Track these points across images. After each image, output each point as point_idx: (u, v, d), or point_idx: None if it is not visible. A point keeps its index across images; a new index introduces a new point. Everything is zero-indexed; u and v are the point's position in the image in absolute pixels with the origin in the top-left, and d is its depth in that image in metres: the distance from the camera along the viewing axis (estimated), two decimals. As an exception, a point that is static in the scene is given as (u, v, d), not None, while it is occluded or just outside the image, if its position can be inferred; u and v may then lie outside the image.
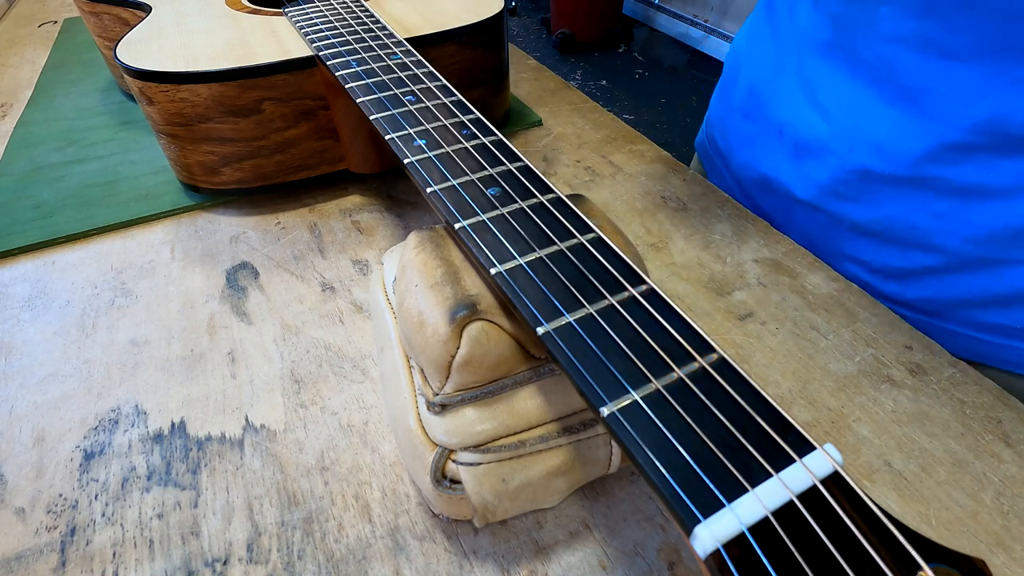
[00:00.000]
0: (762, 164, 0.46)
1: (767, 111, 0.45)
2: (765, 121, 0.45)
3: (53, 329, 0.36)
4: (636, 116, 2.37)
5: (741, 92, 0.49)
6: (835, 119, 0.39)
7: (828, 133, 0.39)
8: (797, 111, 0.42)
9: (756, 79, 0.47)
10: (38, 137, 0.54)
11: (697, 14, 2.81)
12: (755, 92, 0.47)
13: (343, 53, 0.38)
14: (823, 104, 0.39)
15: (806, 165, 0.42)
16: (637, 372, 0.17)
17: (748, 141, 0.48)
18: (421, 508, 0.27)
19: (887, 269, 0.39)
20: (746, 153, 0.48)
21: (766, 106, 0.45)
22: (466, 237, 0.23)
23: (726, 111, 0.52)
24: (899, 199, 0.37)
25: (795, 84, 0.42)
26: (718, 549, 0.14)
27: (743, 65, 0.50)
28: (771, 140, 0.45)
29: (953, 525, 0.26)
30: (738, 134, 0.49)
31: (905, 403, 0.31)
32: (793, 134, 0.42)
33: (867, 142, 0.37)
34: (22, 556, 0.26)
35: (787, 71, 0.43)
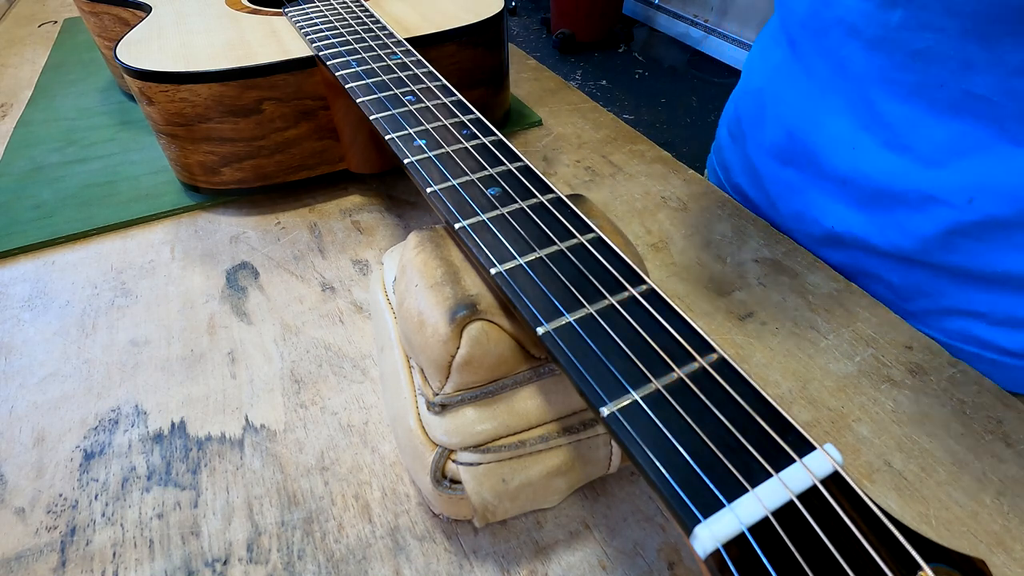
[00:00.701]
0: (825, 218, 0.40)
1: (819, 159, 0.40)
2: (816, 169, 0.40)
3: (53, 329, 0.36)
4: (636, 116, 2.37)
5: (775, 136, 0.44)
6: (938, 164, 0.34)
7: (929, 180, 0.34)
8: (869, 158, 0.37)
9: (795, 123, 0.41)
10: (38, 137, 0.54)
11: (697, 14, 2.81)
12: (796, 138, 0.41)
13: (343, 53, 0.38)
14: (915, 148, 0.35)
15: (896, 217, 0.37)
16: (637, 372, 0.17)
17: (795, 191, 0.43)
18: (421, 508, 0.27)
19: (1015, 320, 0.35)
20: (796, 203, 0.43)
21: (816, 153, 0.40)
22: (466, 237, 0.23)
23: (755, 154, 0.46)
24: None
25: (858, 128, 0.37)
26: (718, 549, 0.14)
27: (769, 106, 0.44)
28: (831, 190, 0.40)
29: (953, 525, 0.26)
30: (779, 183, 0.44)
31: (905, 403, 0.31)
32: (866, 183, 0.37)
33: (992, 188, 0.32)
34: (22, 556, 0.26)
35: (841, 115, 0.38)
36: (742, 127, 0.48)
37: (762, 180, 0.46)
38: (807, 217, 0.42)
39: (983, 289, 0.35)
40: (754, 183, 0.47)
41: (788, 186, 0.43)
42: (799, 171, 0.42)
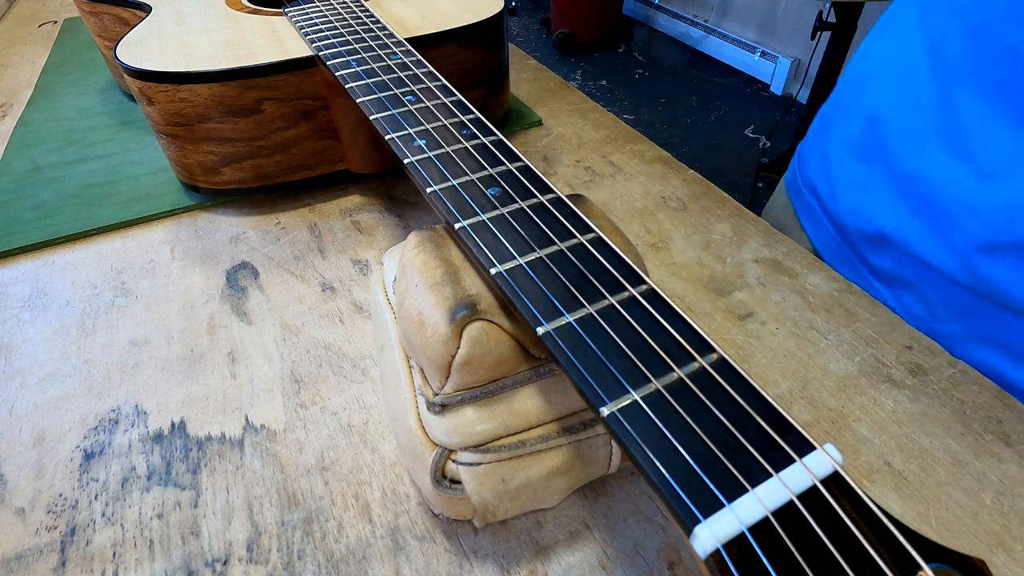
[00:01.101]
0: (878, 216, 0.38)
1: (888, 153, 0.38)
2: (885, 166, 0.38)
3: (53, 329, 0.36)
4: (636, 116, 2.37)
5: (857, 128, 0.41)
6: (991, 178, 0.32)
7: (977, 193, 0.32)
8: (931, 160, 0.34)
9: (879, 113, 0.39)
10: (38, 137, 0.54)
11: (697, 14, 2.81)
12: (878, 130, 0.39)
13: (343, 53, 0.38)
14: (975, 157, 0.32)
15: (941, 227, 0.35)
16: (637, 372, 0.17)
17: (859, 186, 0.41)
18: (421, 508, 0.27)
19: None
20: (854, 199, 0.41)
21: (890, 148, 0.38)
22: (466, 237, 0.23)
23: (833, 147, 0.44)
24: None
25: (931, 127, 0.35)
26: (718, 549, 0.14)
27: (862, 97, 0.41)
28: (891, 190, 0.38)
29: (953, 525, 0.26)
30: (846, 176, 0.42)
31: (905, 403, 0.31)
32: (923, 187, 0.35)
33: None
34: (22, 556, 0.26)
35: (922, 110, 0.35)
36: (832, 114, 0.46)
37: (831, 170, 0.44)
38: (862, 213, 0.40)
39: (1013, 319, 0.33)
40: (823, 173, 0.45)
41: (854, 179, 0.41)
42: (868, 165, 0.40)
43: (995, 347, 0.34)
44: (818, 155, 0.46)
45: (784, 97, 2.46)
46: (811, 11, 2.28)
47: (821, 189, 0.45)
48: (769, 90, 2.52)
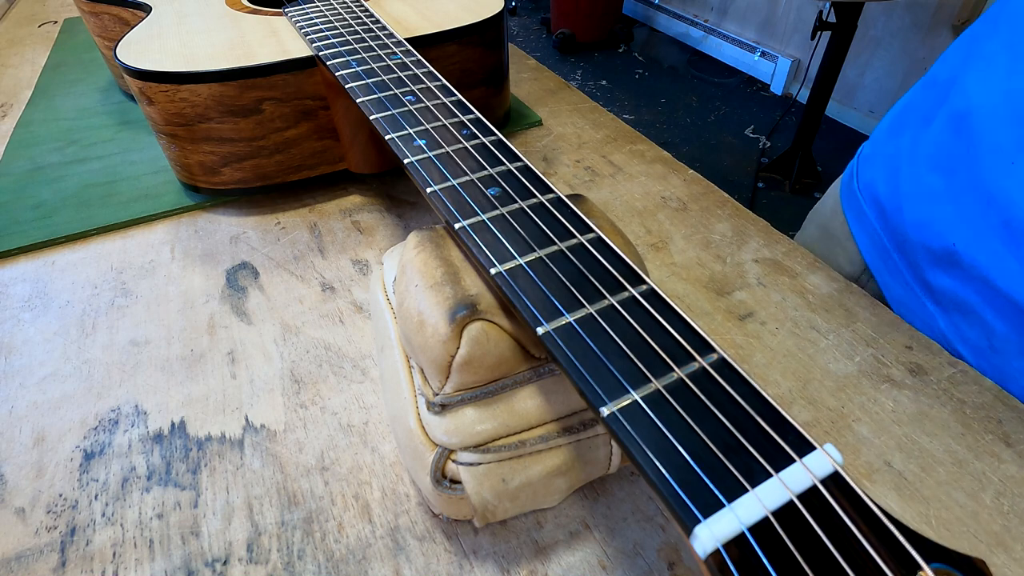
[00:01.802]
0: (951, 232, 0.35)
1: (973, 165, 0.34)
2: (966, 177, 0.35)
3: (53, 329, 0.36)
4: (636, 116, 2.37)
5: (939, 134, 0.38)
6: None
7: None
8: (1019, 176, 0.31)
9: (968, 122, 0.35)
10: (38, 137, 0.54)
11: (697, 14, 2.81)
12: (963, 138, 0.35)
13: (343, 53, 0.38)
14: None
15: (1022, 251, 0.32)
16: (637, 372, 0.17)
17: (932, 197, 0.37)
18: (421, 508, 0.27)
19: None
20: (925, 210, 0.37)
21: (974, 159, 0.34)
22: (466, 237, 0.23)
23: (907, 153, 0.40)
24: None
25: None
26: (718, 549, 0.14)
27: (950, 99, 0.37)
28: (972, 206, 0.34)
29: (953, 525, 0.26)
30: (918, 186, 0.38)
31: (905, 403, 0.31)
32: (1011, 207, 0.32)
33: None
34: (22, 556, 0.26)
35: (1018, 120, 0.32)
36: (908, 117, 0.43)
37: (899, 177, 0.41)
38: (932, 228, 0.37)
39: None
40: (890, 179, 0.42)
41: (927, 190, 0.38)
42: (945, 177, 0.37)
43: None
44: (885, 160, 0.43)
45: (784, 97, 2.46)
46: (811, 11, 2.28)
47: (884, 197, 0.42)
48: (769, 90, 2.52)
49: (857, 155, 0.48)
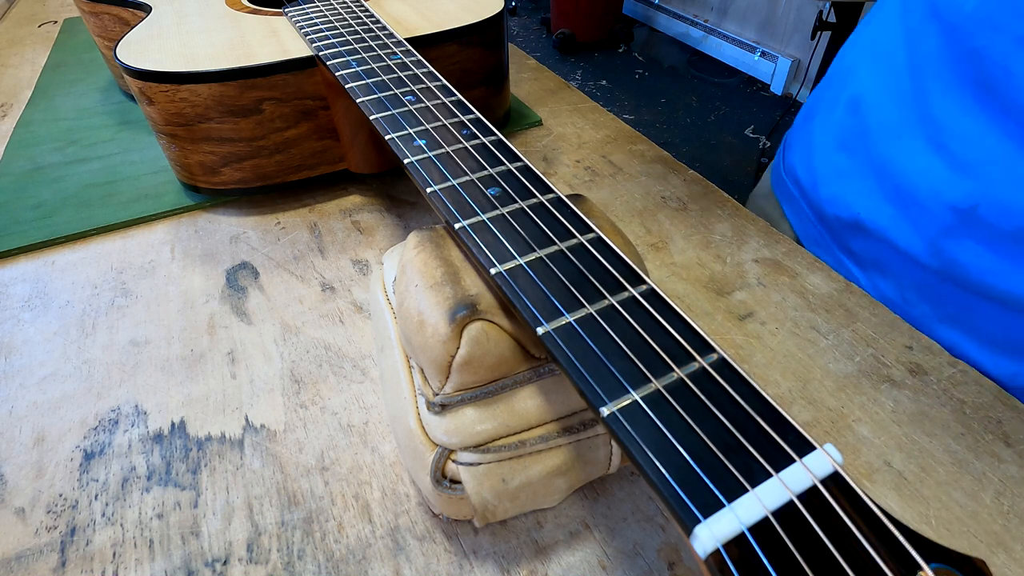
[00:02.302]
0: (855, 203, 0.40)
1: (868, 143, 0.39)
2: (865, 154, 0.40)
3: (53, 329, 0.36)
4: (636, 116, 2.37)
5: (841, 118, 0.43)
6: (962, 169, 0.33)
7: (954, 184, 0.34)
8: (908, 151, 0.36)
9: (861, 105, 0.40)
10: (38, 137, 0.54)
11: (697, 14, 2.81)
12: (859, 119, 0.40)
13: (343, 53, 0.38)
14: (949, 149, 0.34)
15: (914, 213, 0.36)
16: (637, 372, 0.17)
17: (839, 174, 0.42)
18: (421, 508, 0.27)
19: (1006, 343, 0.34)
20: (834, 187, 0.42)
21: (870, 137, 0.39)
22: (466, 237, 0.23)
23: (817, 136, 0.45)
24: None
25: (908, 118, 0.36)
26: (718, 549, 0.14)
27: (848, 86, 0.43)
28: (869, 178, 0.39)
29: (953, 525, 0.26)
30: (828, 165, 0.43)
31: (905, 403, 0.31)
32: (902, 176, 0.37)
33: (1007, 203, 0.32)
34: (22, 556, 0.26)
35: (900, 102, 0.37)
36: (817, 103, 0.47)
37: (813, 158, 0.46)
38: (841, 200, 0.42)
39: (978, 303, 0.35)
40: (806, 161, 0.47)
41: (835, 167, 0.43)
42: (849, 154, 0.42)
43: (960, 328, 0.36)
44: (802, 144, 0.48)
45: (784, 97, 2.46)
46: (811, 11, 2.28)
47: (803, 177, 0.47)
48: (769, 90, 2.52)
49: (783, 141, 0.53)
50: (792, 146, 0.50)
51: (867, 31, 0.43)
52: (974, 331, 0.35)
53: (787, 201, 0.50)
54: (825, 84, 0.47)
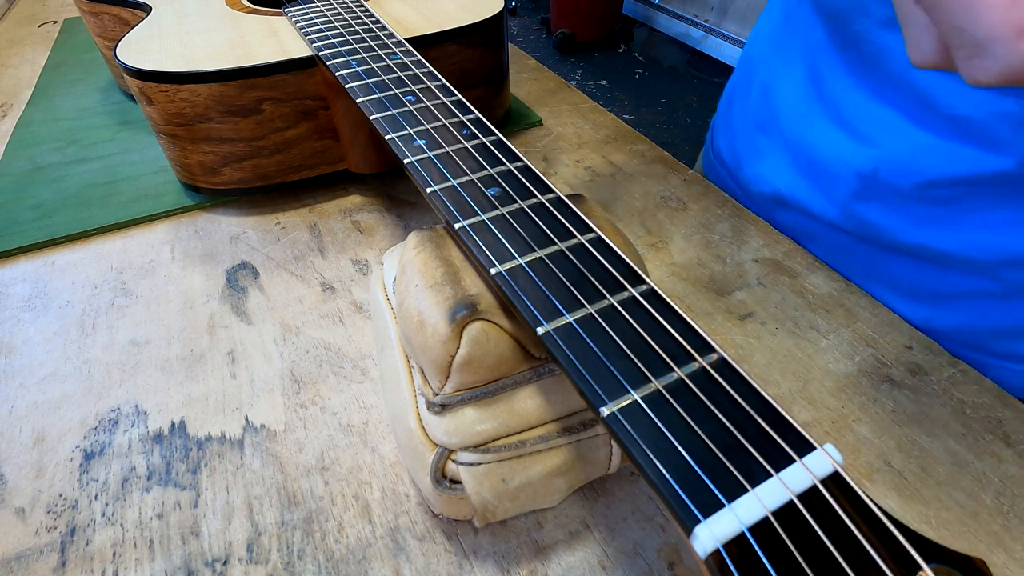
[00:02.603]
0: (776, 179, 0.43)
1: (779, 123, 0.43)
2: (779, 135, 0.43)
3: (53, 329, 0.36)
4: (636, 116, 2.37)
5: (755, 102, 0.46)
6: (861, 139, 0.37)
7: (855, 153, 0.37)
8: (814, 127, 0.40)
9: (770, 89, 0.44)
10: (38, 137, 0.54)
11: (697, 14, 2.81)
12: (769, 101, 0.44)
13: (343, 53, 0.38)
14: (850, 122, 0.37)
15: (825, 183, 0.40)
16: (637, 372, 0.17)
17: (759, 154, 0.46)
18: (421, 508, 0.27)
19: (915, 290, 0.37)
20: (757, 166, 0.46)
21: (778, 118, 0.43)
22: (466, 237, 0.23)
23: (737, 121, 0.49)
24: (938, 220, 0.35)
25: (811, 98, 0.40)
26: (718, 549, 0.14)
27: (757, 72, 0.47)
28: (785, 155, 0.43)
29: (953, 525, 0.26)
30: (748, 146, 0.47)
31: (905, 403, 0.31)
32: (811, 151, 0.40)
33: (901, 164, 0.35)
34: (22, 556, 0.26)
35: (801, 83, 0.41)
36: (735, 89, 0.51)
37: (735, 142, 0.49)
38: (762, 178, 0.45)
39: (891, 258, 0.38)
40: (729, 144, 0.50)
41: (755, 149, 0.46)
42: (765, 135, 0.45)
43: (880, 282, 0.39)
44: (725, 128, 0.51)
45: (784, 97, 2.46)
46: (811, 11, 2.28)
47: (728, 159, 0.50)
48: (769, 90, 2.51)
49: (711, 126, 0.57)
50: (717, 130, 0.53)
51: (766, 23, 0.48)
52: (891, 283, 0.38)
53: (718, 182, 0.53)
54: (739, 71, 0.51)
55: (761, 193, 0.46)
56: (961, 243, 0.34)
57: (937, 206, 0.35)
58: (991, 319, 0.36)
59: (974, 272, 0.35)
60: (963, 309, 0.36)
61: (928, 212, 0.35)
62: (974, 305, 0.36)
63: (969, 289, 0.35)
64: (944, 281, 0.36)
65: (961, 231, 0.34)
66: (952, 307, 0.36)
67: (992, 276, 0.34)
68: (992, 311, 0.35)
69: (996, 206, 0.33)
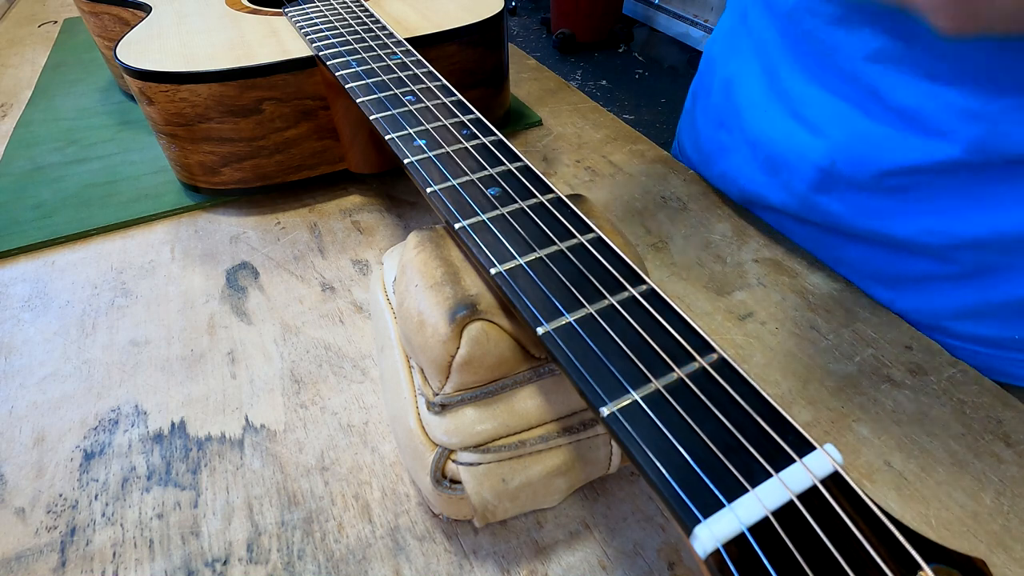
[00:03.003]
0: (740, 177, 0.44)
1: (741, 121, 0.44)
2: (739, 132, 0.44)
3: (53, 329, 0.36)
4: (636, 116, 2.37)
5: (717, 99, 0.47)
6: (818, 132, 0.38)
7: (812, 146, 0.38)
8: (774, 123, 0.41)
9: (731, 87, 0.45)
10: (38, 137, 0.54)
11: (697, 14, 2.81)
12: (731, 100, 0.45)
13: (343, 53, 0.38)
14: (805, 116, 0.39)
15: (785, 177, 0.41)
16: (637, 372, 0.17)
17: (723, 151, 0.46)
18: (421, 508, 0.27)
19: (878, 275, 0.39)
20: (723, 164, 0.46)
21: (740, 115, 0.44)
22: (466, 237, 0.23)
23: (700, 119, 0.50)
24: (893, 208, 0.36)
25: (769, 95, 0.41)
26: (718, 549, 0.14)
27: (717, 71, 0.48)
28: (745, 152, 0.44)
29: (953, 525, 0.26)
30: (713, 143, 0.48)
31: (905, 403, 0.31)
32: (771, 146, 0.41)
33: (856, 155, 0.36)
34: (22, 556, 0.26)
35: (759, 81, 0.42)
36: (698, 89, 0.52)
37: (700, 141, 0.49)
38: (728, 177, 0.46)
39: (854, 245, 0.39)
40: (695, 144, 0.51)
41: (719, 146, 0.47)
42: (728, 133, 0.46)
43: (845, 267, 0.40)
44: (690, 127, 0.52)
45: (784, 97, 2.46)
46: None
47: (695, 159, 0.51)
48: (769, 90, 2.51)
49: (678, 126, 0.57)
50: (683, 129, 0.54)
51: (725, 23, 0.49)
52: (856, 269, 0.39)
53: None
54: (701, 70, 0.52)
55: (727, 190, 0.46)
56: (916, 229, 0.36)
57: (892, 195, 0.36)
58: (951, 301, 0.37)
59: (930, 256, 0.36)
60: (923, 291, 0.37)
61: (883, 200, 0.36)
62: (933, 287, 0.37)
63: (927, 272, 0.36)
64: (903, 265, 0.37)
65: (915, 218, 0.35)
66: (913, 290, 0.37)
67: (948, 259, 0.35)
68: (951, 293, 0.36)
69: (947, 193, 0.34)
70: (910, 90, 0.33)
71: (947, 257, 0.35)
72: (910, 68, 0.32)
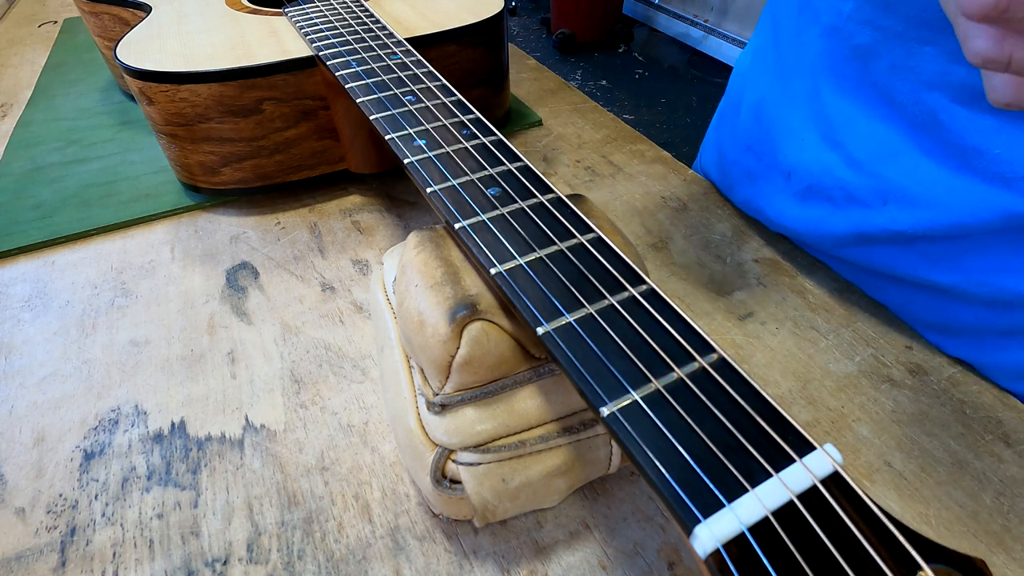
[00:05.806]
0: (767, 206, 0.41)
1: (774, 147, 0.40)
2: (771, 158, 0.41)
3: (53, 329, 0.36)
4: (636, 116, 2.37)
5: (745, 122, 0.44)
6: (863, 166, 0.34)
7: (852, 180, 0.34)
8: (810, 150, 0.37)
9: (762, 109, 0.42)
10: (38, 137, 0.54)
11: (697, 14, 2.81)
12: (762, 124, 0.42)
13: (343, 53, 0.38)
14: (846, 146, 0.35)
15: (820, 211, 0.37)
16: (637, 372, 0.17)
17: (750, 177, 0.43)
18: (421, 508, 0.27)
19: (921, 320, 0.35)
20: (749, 190, 0.43)
21: (773, 141, 0.40)
22: (466, 237, 0.23)
23: (726, 141, 0.47)
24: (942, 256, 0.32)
25: (807, 120, 0.37)
26: (718, 549, 0.14)
27: (747, 91, 0.44)
28: (777, 180, 0.40)
29: (953, 525, 0.26)
30: (739, 168, 0.44)
31: (905, 403, 0.31)
32: (804, 176, 0.38)
33: (906, 197, 0.32)
34: (22, 556, 0.26)
35: (798, 104, 0.38)
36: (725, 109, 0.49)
37: (725, 163, 0.47)
38: (754, 205, 0.43)
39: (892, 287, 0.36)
40: (719, 166, 0.48)
41: (746, 172, 0.44)
42: (757, 158, 0.43)
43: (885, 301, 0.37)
44: (714, 148, 0.49)
45: (784, 97, 2.46)
46: (811, 11, 2.28)
47: (718, 182, 0.48)
48: (769, 90, 2.51)
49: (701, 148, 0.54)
50: (706, 149, 0.51)
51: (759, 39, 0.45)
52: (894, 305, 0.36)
53: None
54: (730, 89, 0.48)
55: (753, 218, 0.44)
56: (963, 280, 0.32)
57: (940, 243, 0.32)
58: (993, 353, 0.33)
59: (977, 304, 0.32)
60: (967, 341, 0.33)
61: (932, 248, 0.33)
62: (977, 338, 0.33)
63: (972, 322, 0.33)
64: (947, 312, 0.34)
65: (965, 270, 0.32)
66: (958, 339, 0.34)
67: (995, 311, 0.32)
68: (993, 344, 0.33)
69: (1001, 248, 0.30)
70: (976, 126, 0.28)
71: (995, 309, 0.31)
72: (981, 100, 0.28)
